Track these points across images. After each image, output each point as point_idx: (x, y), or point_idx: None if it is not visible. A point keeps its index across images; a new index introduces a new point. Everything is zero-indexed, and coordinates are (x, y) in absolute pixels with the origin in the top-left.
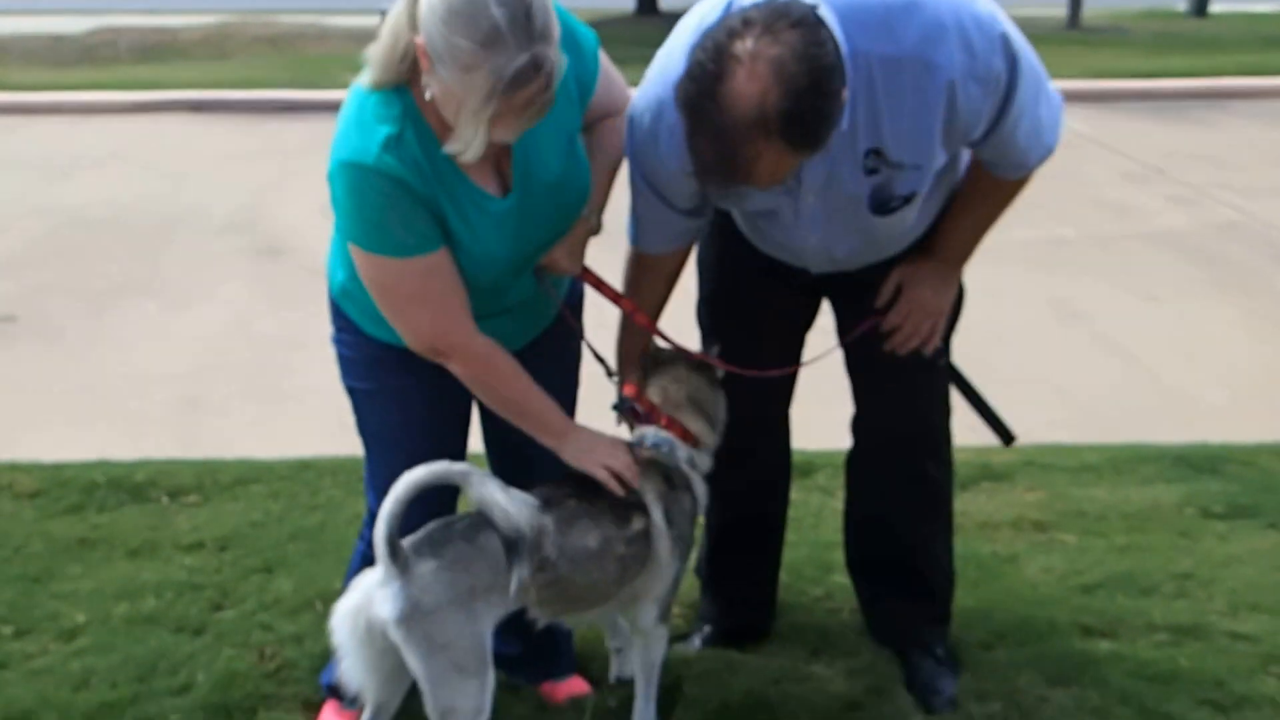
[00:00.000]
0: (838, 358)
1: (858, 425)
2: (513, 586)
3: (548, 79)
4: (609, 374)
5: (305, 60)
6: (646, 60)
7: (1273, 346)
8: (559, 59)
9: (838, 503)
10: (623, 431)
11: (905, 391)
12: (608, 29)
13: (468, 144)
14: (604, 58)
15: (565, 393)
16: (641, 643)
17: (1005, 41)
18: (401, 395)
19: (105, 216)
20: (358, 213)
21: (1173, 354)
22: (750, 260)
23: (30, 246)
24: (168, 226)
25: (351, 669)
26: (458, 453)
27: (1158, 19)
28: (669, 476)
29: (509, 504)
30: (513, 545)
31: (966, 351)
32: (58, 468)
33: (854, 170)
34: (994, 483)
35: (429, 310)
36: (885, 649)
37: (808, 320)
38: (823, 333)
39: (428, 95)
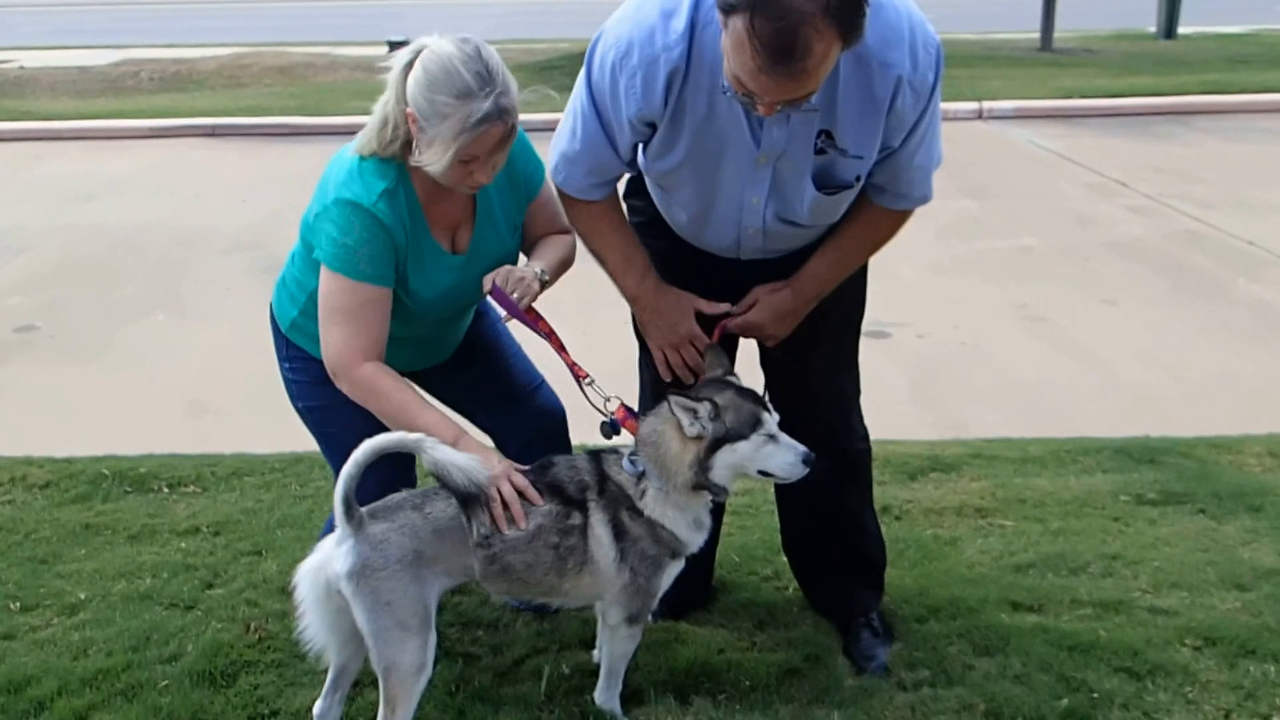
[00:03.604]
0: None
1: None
2: (474, 535)
3: (506, 121)
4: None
5: (314, 88)
6: None
7: (1225, 347)
8: (514, 108)
9: None
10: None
11: (813, 377)
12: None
13: (436, 160)
14: (549, 183)
15: (516, 361)
16: (608, 636)
17: (939, 59)
18: (353, 402)
19: (122, 236)
20: (340, 239)
21: (1128, 355)
22: (680, 268)
23: (51, 263)
24: (180, 245)
25: (311, 626)
26: None
27: (1128, 40)
28: (626, 495)
29: (464, 461)
30: (472, 498)
31: (932, 354)
32: (68, 461)
33: (806, 147)
34: (942, 474)
35: (348, 329)
36: (826, 622)
37: (732, 339)
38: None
39: (414, 157)
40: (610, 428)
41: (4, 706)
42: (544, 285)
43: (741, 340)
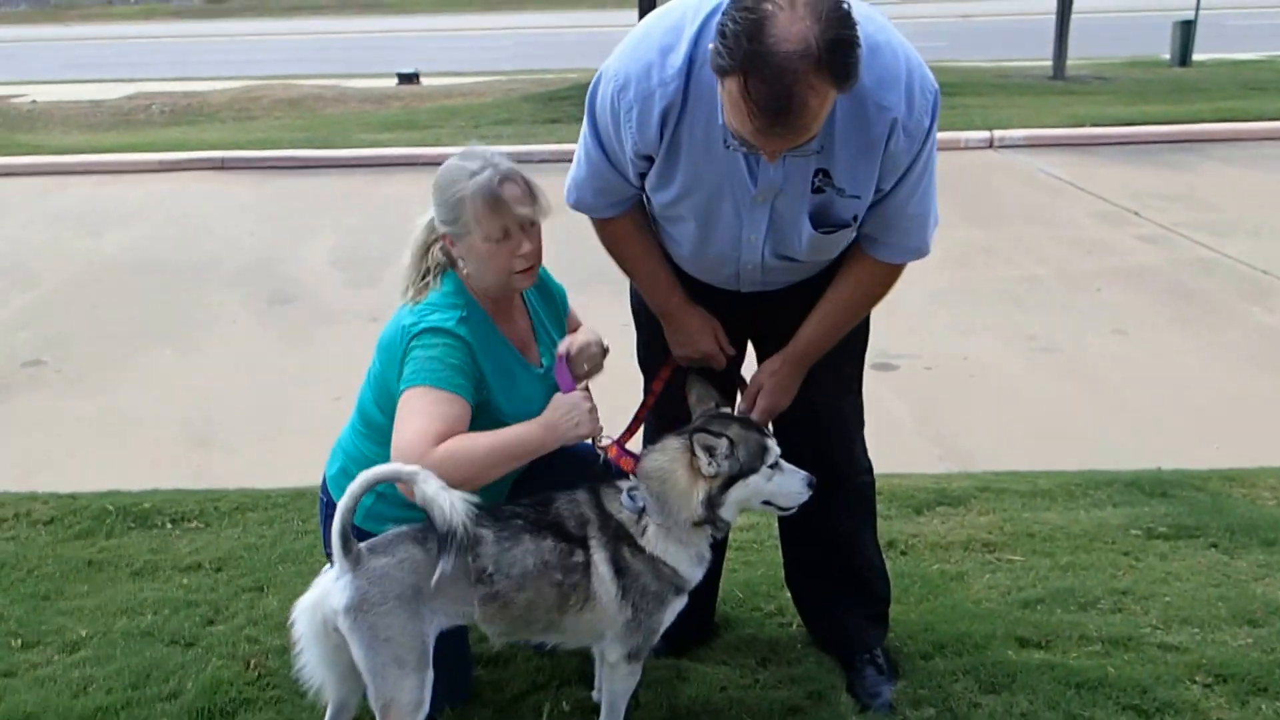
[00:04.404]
0: None
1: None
2: (435, 576)
3: (519, 180)
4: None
5: (323, 120)
6: None
7: (1236, 376)
8: (524, 175)
9: None
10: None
11: (816, 408)
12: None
13: (479, 248)
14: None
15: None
16: (607, 674)
17: (936, 104)
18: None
19: (129, 268)
20: (424, 356)
21: (1139, 385)
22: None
23: (59, 297)
24: (187, 276)
25: (310, 662)
26: None
27: (1141, 67)
28: (627, 533)
29: (447, 502)
30: (444, 539)
31: (940, 386)
32: (72, 497)
33: (803, 185)
34: (949, 507)
35: (419, 422)
36: (830, 658)
37: (738, 354)
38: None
39: (464, 270)
40: (604, 466)
41: None
42: (604, 353)
43: (743, 363)
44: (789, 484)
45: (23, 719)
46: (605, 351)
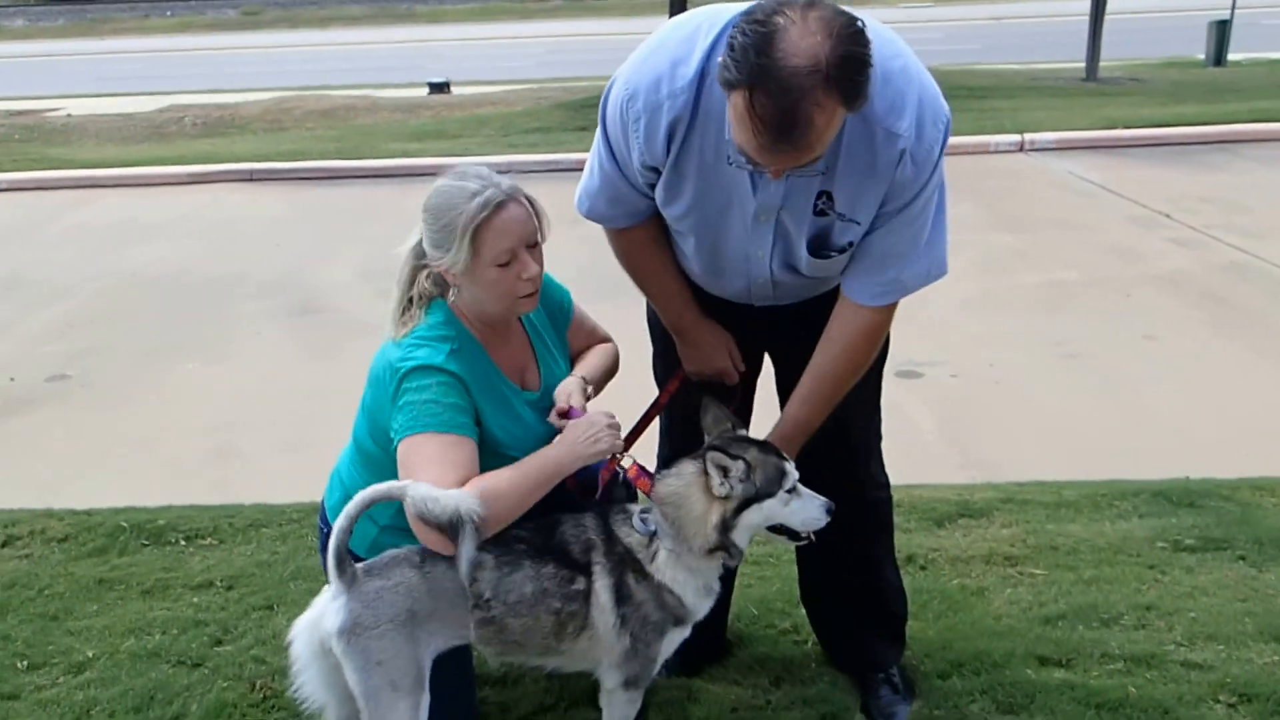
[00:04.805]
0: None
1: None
2: (462, 564)
3: (521, 200)
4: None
5: (354, 131)
6: None
7: (1270, 384)
8: (524, 194)
9: None
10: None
11: (833, 422)
12: None
13: (480, 278)
14: (576, 304)
15: None
16: (605, 700)
17: (946, 133)
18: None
19: (157, 281)
20: (418, 400)
21: (1168, 392)
22: (701, 308)
23: (86, 310)
24: (214, 288)
25: (308, 684)
26: None
27: (1176, 68)
28: (634, 558)
29: (442, 494)
30: (455, 527)
31: (966, 394)
32: (88, 514)
33: (805, 205)
34: (971, 519)
35: (434, 471)
36: (845, 677)
37: (753, 369)
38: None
39: (460, 297)
40: (624, 487)
41: None
42: (587, 396)
43: (759, 377)
44: (807, 510)
45: None
46: (586, 393)
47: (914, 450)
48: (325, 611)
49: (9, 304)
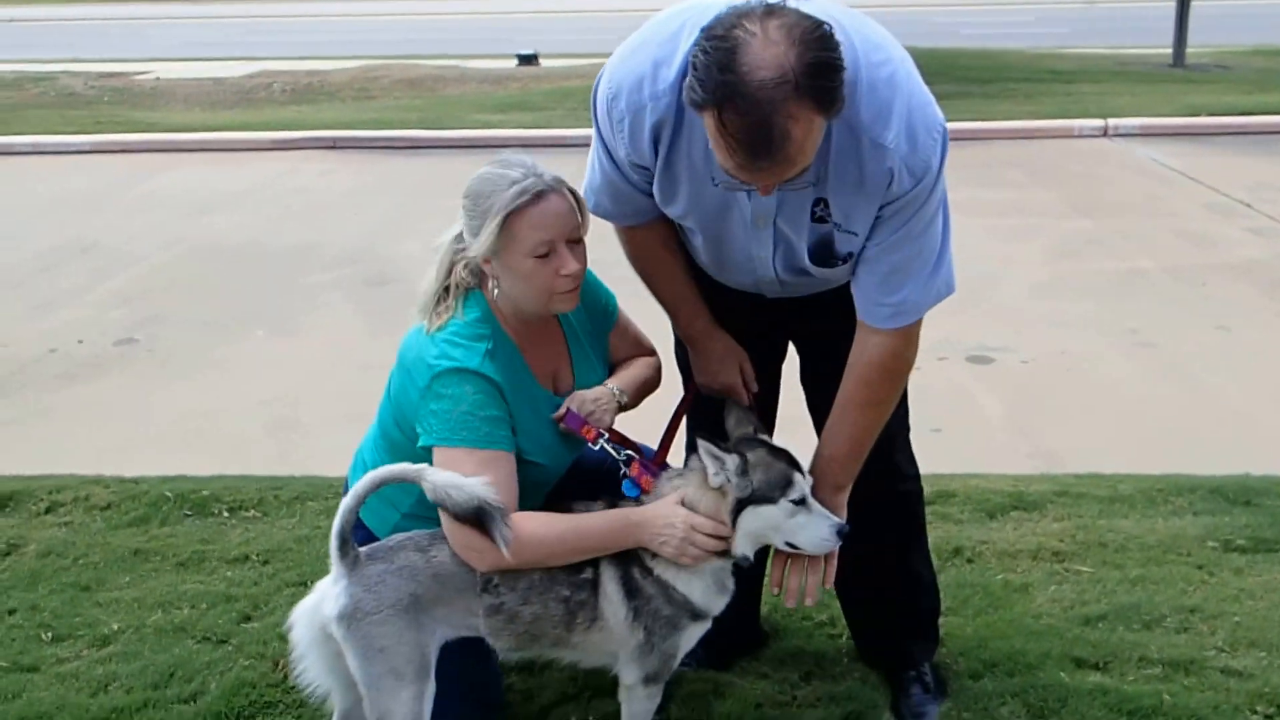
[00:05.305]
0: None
1: None
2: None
3: (564, 192)
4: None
5: (439, 101)
6: None
7: None
8: (569, 186)
9: None
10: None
11: None
12: None
13: (518, 269)
14: (622, 310)
15: None
16: (624, 696)
17: (944, 144)
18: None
19: (230, 249)
20: (453, 409)
21: (1237, 384)
22: (716, 297)
23: (158, 276)
24: (287, 257)
25: (310, 670)
26: None
27: (1264, 55)
28: (637, 553)
29: (465, 481)
30: (481, 514)
31: (1036, 380)
32: (134, 482)
33: (800, 212)
34: (1023, 512)
35: None
36: (876, 674)
37: (775, 354)
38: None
39: (498, 292)
40: (630, 485)
41: None
42: (622, 406)
43: (784, 365)
44: (813, 528)
45: (36, 718)
46: (622, 404)
47: (979, 437)
48: (326, 596)
49: (84, 267)
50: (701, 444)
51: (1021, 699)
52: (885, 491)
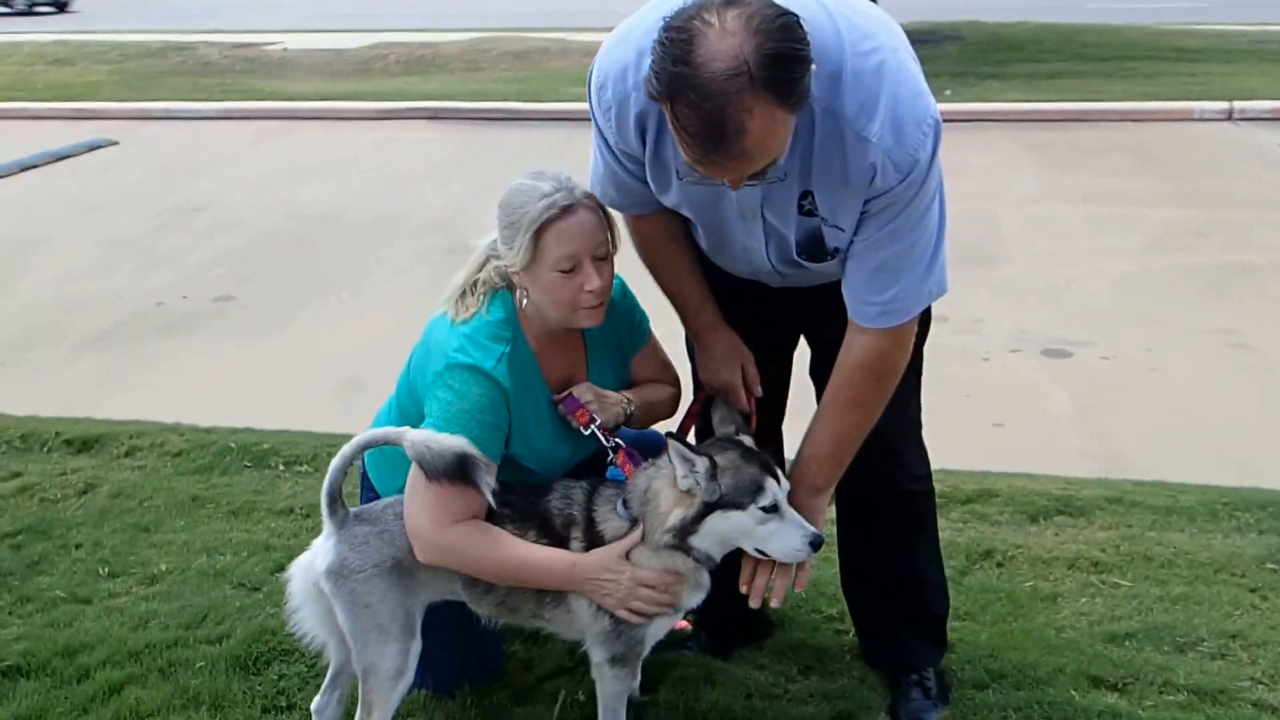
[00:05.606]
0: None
1: None
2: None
3: (594, 209)
4: (611, 449)
5: (541, 74)
6: None
7: None
8: (599, 203)
9: None
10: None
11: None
12: None
13: (542, 279)
14: (653, 334)
15: None
16: (595, 674)
17: (936, 136)
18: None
19: (326, 215)
20: (456, 402)
21: None
22: (722, 284)
23: (259, 239)
24: (378, 224)
25: (304, 621)
26: None
27: None
28: (607, 543)
29: (440, 437)
30: (463, 465)
31: (1113, 378)
32: (207, 431)
33: (787, 204)
34: (1068, 518)
35: (441, 491)
36: (878, 674)
37: (784, 344)
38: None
39: (525, 300)
40: (615, 471)
41: (55, 669)
42: (629, 416)
43: (796, 354)
44: (784, 536)
45: (79, 647)
46: (629, 415)
47: (1042, 434)
48: (318, 552)
49: (195, 227)
50: (672, 445)
51: (1024, 714)
52: (893, 490)
